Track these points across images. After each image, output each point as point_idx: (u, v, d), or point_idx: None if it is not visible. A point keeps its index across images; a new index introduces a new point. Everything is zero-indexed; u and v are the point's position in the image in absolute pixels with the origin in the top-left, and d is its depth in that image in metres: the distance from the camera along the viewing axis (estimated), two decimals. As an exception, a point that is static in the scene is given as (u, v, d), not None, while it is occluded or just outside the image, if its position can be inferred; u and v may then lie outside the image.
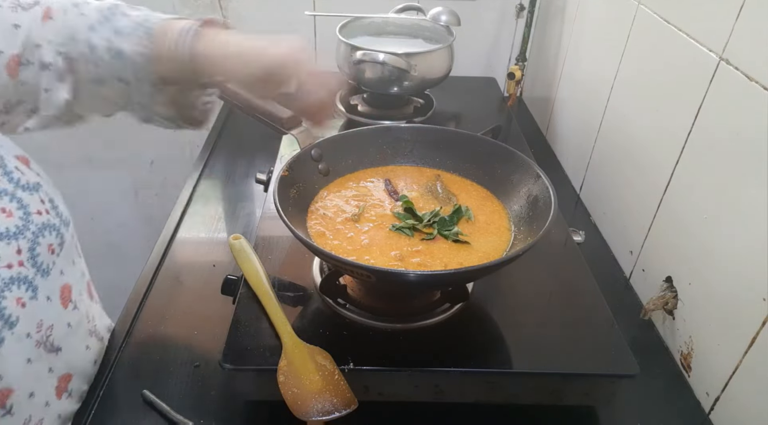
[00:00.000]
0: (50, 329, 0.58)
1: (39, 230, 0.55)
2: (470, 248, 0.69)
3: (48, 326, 0.57)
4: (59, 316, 0.60)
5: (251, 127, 0.83)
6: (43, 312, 0.57)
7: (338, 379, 0.60)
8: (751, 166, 0.62)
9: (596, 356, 0.64)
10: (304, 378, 0.60)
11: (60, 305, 0.60)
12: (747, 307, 0.62)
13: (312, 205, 0.75)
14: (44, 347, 0.57)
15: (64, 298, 0.60)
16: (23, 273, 0.53)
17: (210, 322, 0.75)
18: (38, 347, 0.56)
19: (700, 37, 0.73)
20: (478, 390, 0.64)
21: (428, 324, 0.67)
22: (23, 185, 0.56)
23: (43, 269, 0.56)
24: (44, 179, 0.60)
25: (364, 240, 0.69)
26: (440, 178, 0.81)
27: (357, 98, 1.25)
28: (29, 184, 0.57)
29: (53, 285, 0.58)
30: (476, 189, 0.80)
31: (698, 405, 0.70)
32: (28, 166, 0.59)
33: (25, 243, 0.54)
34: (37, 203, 0.56)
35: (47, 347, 0.58)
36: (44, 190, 0.58)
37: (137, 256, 0.96)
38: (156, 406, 0.64)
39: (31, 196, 0.56)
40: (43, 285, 0.56)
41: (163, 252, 0.89)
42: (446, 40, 1.18)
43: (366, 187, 0.80)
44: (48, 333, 0.57)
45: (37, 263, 0.55)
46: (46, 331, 0.57)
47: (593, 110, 1.04)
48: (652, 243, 0.84)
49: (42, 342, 0.57)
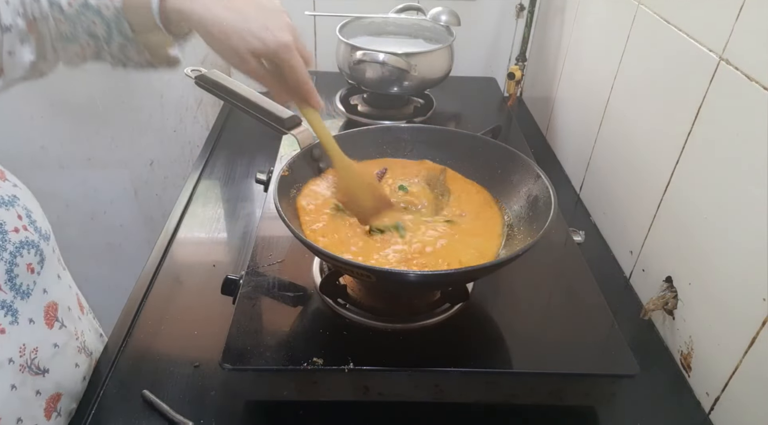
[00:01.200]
0: (35, 351, 0.55)
1: (16, 249, 0.53)
2: (469, 247, 0.69)
3: (32, 349, 0.55)
4: (44, 337, 0.57)
5: (251, 127, 0.83)
6: (25, 335, 0.54)
7: (377, 186, 0.74)
8: (751, 166, 0.62)
9: (596, 356, 0.64)
10: (359, 193, 0.72)
11: (45, 326, 0.57)
12: (747, 307, 0.62)
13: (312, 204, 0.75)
14: (29, 370, 0.55)
15: (48, 318, 0.58)
16: (0, 297, 0.51)
17: (210, 322, 0.75)
18: (22, 371, 0.54)
19: (700, 37, 0.73)
20: (478, 390, 0.64)
21: (428, 324, 0.67)
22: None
23: (22, 291, 0.54)
24: (21, 190, 0.57)
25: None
26: (445, 172, 0.81)
27: (357, 98, 1.25)
28: (4, 198, 0.54)
29: (36, 306, 0.56)
30: (476, 189, 0.80)
31: (698, 405, 0.70)
32: (4, 178, 0.56)
33: (1, 265, 0.51)
34: (13, 219, 0.53)
35: (33, 370, 0.55)
36: (21, 203, 0.55)
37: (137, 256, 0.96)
38: (156, 406, 0.64)
39: (7, 211, 0.53)
40: (24, 308, 0.54)
41: (163, 252, 0.89)
42: (446, 40, 1.18)
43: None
44: (33, 356, 0.55)
45: (15, 285, 0.52)
46: (30, 354, 0.55)
47: (593, 110, 1.04)
48: (652, 243, 0.84)
49: (26, 366, 0.54)
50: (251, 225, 0.97)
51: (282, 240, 0.79)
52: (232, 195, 1.06)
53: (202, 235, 0.95)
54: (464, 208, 0.76)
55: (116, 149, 1.56)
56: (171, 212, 0.99)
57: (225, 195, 1.07)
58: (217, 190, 1.08)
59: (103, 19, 0.61)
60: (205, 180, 1.10)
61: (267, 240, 0.79)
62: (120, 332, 0.74)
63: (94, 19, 0.61)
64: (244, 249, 0.91)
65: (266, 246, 0.78)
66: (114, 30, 0.62)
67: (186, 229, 0.96)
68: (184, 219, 0.98)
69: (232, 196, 1.06)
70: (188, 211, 1.00)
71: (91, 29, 0.62)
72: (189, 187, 1.06)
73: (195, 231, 0.96)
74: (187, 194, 1.04)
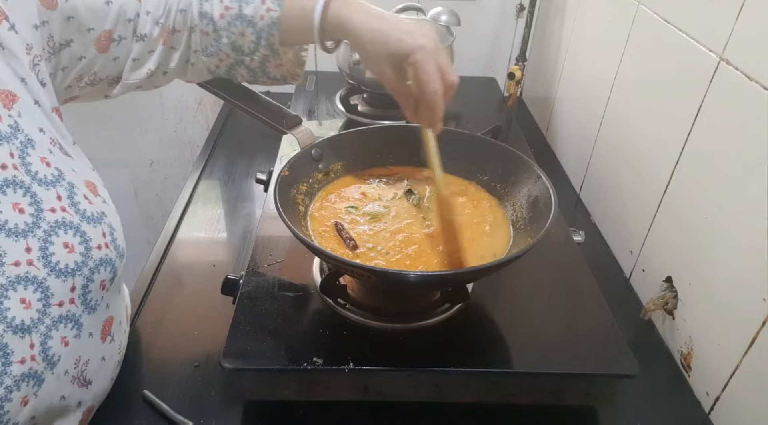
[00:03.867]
0: (86, 364, 0.55)
1: (96, 266, 0.53)
2: (469, 247, 0.69)
3: (85, 361, 0.55)
4: (97, 351, 0.57)
5: (251, 127, 0.83)
6: (83, 348, 0.54)
7: None
8: (751, 166, 0.62)
9: (596, 356, 0.64)
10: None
11: (99, 340, 0.57)
12: (747, 307, 0.62)
13: (312, 204, 0.75)
14: (78, 382, 0.55)
15: (104, 332, 0.58)
16: (72, 310, 0.51)
17: (210, 322, 0.75)
18: (73, 383, 0.54)
19: (700, 37, 0.72)
20: (478, 390, 0.64)
21: (428, 324, 0.67)
22: (88, 216, 0.53)
23: (91, 306, 0.53)
24: (109, 207, 0.57)
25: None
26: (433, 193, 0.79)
27: (357, 98, 1.25)
28: (94, 215, 0.54)
29: (97, 321, 0.56)
30: (476, 189, 0.80)
31: (698, 405, 0.70)
32: (96, 192, 0.56)
33: (80, 280, 0.51)
34: (99, 237, 0.53)
35: (80, 382, 0.55)
36: (107, 221, 0.55)
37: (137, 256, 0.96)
38: (156, 406, 0.64)
39: (95, 228, 0.53)
40: (88, 322, 0.53)
41: (163, 252, 0.89)
42: (446, 40, 1.18)
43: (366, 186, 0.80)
44: (83, 368, 0.55)
45: (87, 300, 0.53)
46: (81, 367, 0.54)
47: (593, 110, 1.04)
48: (652, 243, 0.84)
49: (77, 378, 0.54)
50: (251, 225, 0.97)
51: (282, 240, 0.79)
52: (232, 195, 1.06)
53: (202, 235, 0.95)
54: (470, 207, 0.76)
55: (116, 149, 1.56)
56: (171, 212, 0.99)
57: (225, 195, 1.07)
58: (217, 190, 1.08)
59: (255, 29, 0.62)
60: (205, 180, 1.10)
61: (267, 240, 0.79)
62: (120, 332, 0.74)
63: (245, 30, 0.62)
64: (244, 249, 0.91)
65: (266, 246, 0.78)
66: (263, 41, 0.64)
67: (186, 229, 0.96)
68: (184, 219, 0.98)
69: (232, 196, 1.06)
70: (188, 210, 1.00)
71: (237, 42, 0.63)
72: (189, 187, 1.06)
73: (195, 231, 0.96)
74: (187, 194, 1.04)
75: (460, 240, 0.67)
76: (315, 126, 1.13)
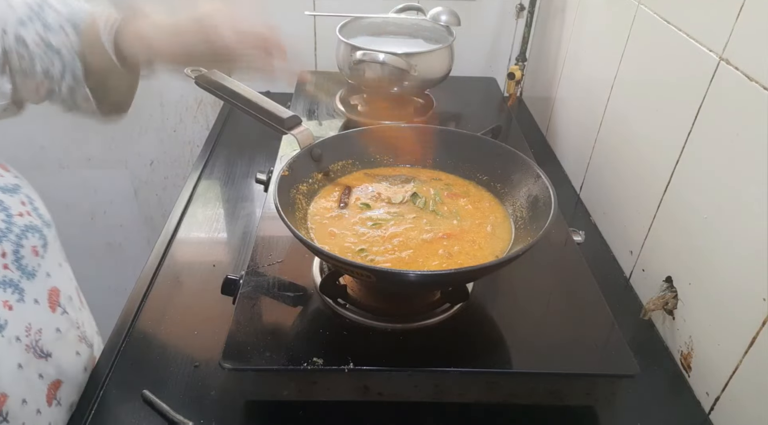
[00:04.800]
0: (39, 333, 0.57)
1: (22, 232, 0.55)
2: (469, 246, 0.69)
3: (36, 330, 0.57)
4: (48, 320, 0.59)
5: (251, 127, 0.83)
6: (30, 315, 0.56)
7: None
8: (751, 166, 0.62)
9: (596, 356, 0.64)
10: None
11: (48, 308, 0.59)
12: (747, 307, 0.62)
13: (312, 204, 0.75)
14: (34, 352, 0.57)
15: (52, 302, 0.60)
16: (8, 276, 0.53)
17: (210, 322, 0.75)
18: (28, 351, 0.56)
19: (700, 37, 0.72)
20: (478, 390, 0.64)
21: (428, 324, 0.67)
22: (2, 187, 0.56)
23: (28, 271, 0.56)
24: (23, 182, 0.60)
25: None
26: (441, 191, 0.79)
27: (357, 98, 1.25)
28: (8, 186, 0.57)
29: (40, 287, 0.58)
30: (476, 189, 0.80)
31: (698, 405, 0.70)
32: (7, 170, 0.59)
33: (9, 245, 0.54)
34: (17, 205, 0.56)
35: (37, 352, 0.57)
36: (23, 191, 0.58)
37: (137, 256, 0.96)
38: (156, 406, 0.64)
39: (12, 197, 0.56)
40: (29, 288, 0.56)
41: (163, 252, 0.89)
42: (446, 40, 1.18)
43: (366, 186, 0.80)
44: (37, 337, 0.57)
45: (21, 265, 0.55)
46: (35, 336, 0.57)
47: (593, 110, 1.04)
48: (652, 243, 0.84)
49: (31, 347, 0.57)
50: (251, 225, 0.97)
51: (282, 240, 0.79)
52: (232, 195, 1.06)
53: (202, 235, 0.95)
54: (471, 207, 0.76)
55: (116, 149, 1.57)
56: (171, 212, 0.99)
57: (225, 195, 1.07)
58: (217, 190, 1.08)
59: (61, 59, 0.62)
60: (205, 180, 1.10)
61: (267, 240, 0.79)
62: (120, 332, 0.74)
63: (54, 59, 0.62)
64: (244, 249, 0.91)
65: (266, 246, 0.78)
66: (67, 71, 0.63)
67: (186, 229, 0.96)
68: (184, 219, 0.98)
69: (232, 196, 1.06)
70: (188, 211, 1.00)
71: (50, 70, 0.63)
72: (189, 187, 1.06)
73: (195, 231, 0.96)
74: (187, 194, 1.04)
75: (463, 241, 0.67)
76: (315, 126, 1.13)
